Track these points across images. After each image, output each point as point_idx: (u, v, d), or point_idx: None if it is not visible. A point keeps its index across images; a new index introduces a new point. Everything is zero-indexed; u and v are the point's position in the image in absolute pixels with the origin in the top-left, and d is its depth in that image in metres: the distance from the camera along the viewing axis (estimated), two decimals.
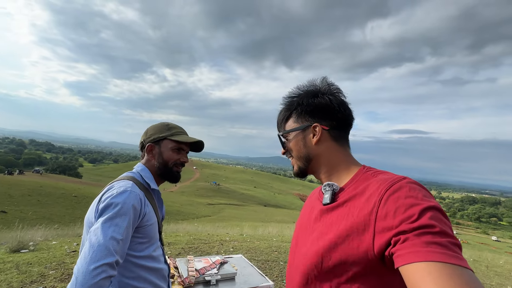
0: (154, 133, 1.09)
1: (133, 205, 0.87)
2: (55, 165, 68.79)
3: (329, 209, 0.67)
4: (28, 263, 3.39)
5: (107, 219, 0.82)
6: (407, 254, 0.47)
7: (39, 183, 26.44)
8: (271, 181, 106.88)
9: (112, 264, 0.77)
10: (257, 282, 1.47)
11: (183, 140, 1.08)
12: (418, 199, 0.52)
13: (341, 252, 0.58)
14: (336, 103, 0.72)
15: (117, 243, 0.79)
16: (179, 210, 24.68)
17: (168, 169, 1.08)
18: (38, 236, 5.32)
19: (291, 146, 0.77)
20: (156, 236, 1.01)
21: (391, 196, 0.54)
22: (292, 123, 0.77)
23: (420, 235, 0.48)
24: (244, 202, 48.78)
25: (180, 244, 4.92)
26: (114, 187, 0.91)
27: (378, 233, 0.54)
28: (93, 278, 0.72)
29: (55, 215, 16.29)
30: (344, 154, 0.73)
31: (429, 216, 0.49)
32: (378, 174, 0.65)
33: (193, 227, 8.63)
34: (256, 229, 8.59)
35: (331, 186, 0.69)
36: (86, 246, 0.78)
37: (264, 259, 4.26)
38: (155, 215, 1.01)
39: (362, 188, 0.63)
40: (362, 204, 0.59)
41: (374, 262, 0.55)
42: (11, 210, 16.06)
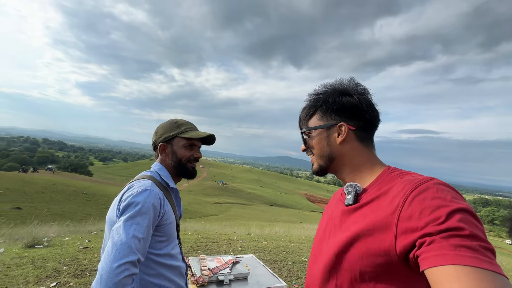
0: (164, 132, 1.09)
1: (153, 204, 0.88)
2: (67, 164, 70.58)
3: (351, 210, 0.66)
4: (43, 258, 3.48)
5: (129, 218, 0.83)
6: (434, 257, 0.45)
7: (52, 180, 27.19)
8: (278, 180, 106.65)
9: (134, 262, 0.78)
10: (270, 282, 1.46)
11: (194, 136, 1.08)
12: (446, 201, 0.50)
13: (361, 252, 0.57)
14: (365, 104, 0.71)
15: (138, 241, 0.80)
16: (187, 209, 24.93)
17: (183, 166, 1.08)
18: (52, 232, 5.47)
19: (314, 143, 0.75)
20: (174, 234, 1.02)
21: (416, 197, 0.52)
22: (316, 120, 0.75)
23: (447, 238, 0.45)
24: (250, 201, 48.87)
25: (189, 242, 4.96)
26: (134, 186, 0.92)
27: (400, 234, 0.52)
28: (117, 276, 0.73)
29: (67, 212, 16.71)
30: (369, 154, 0.71)
31: (458, 218, 0.47)
32: (404, 175, 0.62)
33: (201, 226, 8.69)
34: (263, 229, 8.58)
35: (354, 187, 0.68)
36: (109, 244, 0.79)
37: (273, 259, 4.24)
38: (174, 213, 1.02)
39: (386, 189, 0.61)
40: (386, 205, 0.57)
41: (397, 264, 0.53)
42: (26, 207, 16.57)
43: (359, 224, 0.61)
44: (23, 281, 2.76)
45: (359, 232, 0.59)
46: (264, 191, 70.15)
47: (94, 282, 0.74)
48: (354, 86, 0.74)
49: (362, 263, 0.57)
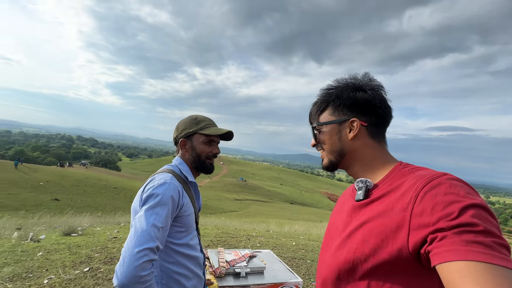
0: (184, 128, 1.13)
1: (171, 196, 0.93)
2: (98, 159, 75.67)
3: (362, 206, 0.65)
4: (77, 245, 3.79)
5: (149, 208, 0.89)
6: (445, 252, 0.44)
7: (85, 174, 29.29)
8: (298, 178, 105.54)
9: (153, 249, 0.83)
10: (286, 278, 1.47)
11: (212, 133, 1.11)
12: (459, 196, 0.48)
13: (373, 249, 0.57)
14: (378, 99, 0.69)
15: (157, 230, 0.86)
16: (207, 204, 25.60)
17: (202, 162, 1.12)
18: (85, 222, 5.92)
19: (324, 139, 0.74)
20: (193, 226, 1.07)
21: (428, 193, 0.51)
22: (327, 115, 0.74)
23: (460, 233, 0.44)
24: (270, 199, 48.92)
25: (209, 236, 5.11)
26: (156, 179, 0.98)
27: (413, 230, 0.51)
28: (137, 260, 0.79)
29: (98, 204, 17.94)
30: (380, 151, 0.70)
31: (471, 214, 0.45)
32: (416, 170, 0.61)
33: (221, 221, 8.90)
34: (283, 226, 8.58)
35: (365, 183, 0.67)
36: (131, 231, 0.86)
37: (291, 256, 4.24)
38: (192, 206, 1.07)
39: (398, 184, 0.60)
40: (397, 200, 0.57)
41: (409, 260, 0.52)
42: (63, 198, 18.05)
43: (370, 219, 0.61)
44: (61, 265, 3.04)
45: (370, 227, 0.59)
46: (284, 189, 69.84)
47: (118, 265, 0.80)
48: (367, 81, 0.72)
49: (374, 258, 0.56)
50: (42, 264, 3.00)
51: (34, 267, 2.90)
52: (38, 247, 3.56)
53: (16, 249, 3.41)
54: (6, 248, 3.44)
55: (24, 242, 3.80)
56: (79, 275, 2.82)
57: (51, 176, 23.87)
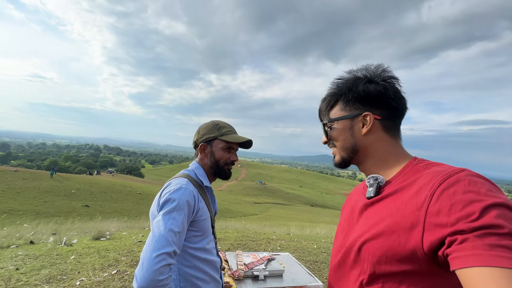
0: (205, 132, 1.14)
1: (187, 201, 0.95)
2: (123, 167, 79.40)
3: (373, 203, 0.63)
4: (106, 249, 3.99)
5: (166, 213, 0.91)
6: (466, 256, 0.41)
7: (111, 182, 30.82)
8: (318, 180, 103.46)
9: (171, 253, 0.86)
10: (305, 281, 1.45)
11: (233, 141, 1.11)
12: (480, 195, 0.44)
13: (386, 248, 0.54)
14: (391, 91, 0.65)
15: (174, 235, 0.88)
16: (228, 208, 25.84)
17: (220, 168, 1.13)
18: (112, 227, 6.22)
19: (336, 135, 0.70)
20: (209, 230, 1.08)
21: (445, 191, 0.47)
22: (338, 110, 0.70)
23: (482, 236, 0.41)
24: (290, 201, 48.36)
25: (229, 240, 5.14)
26: (172, 184, 1.00)
27: (428, 230, 0.47)
28: (156, 265, 0.81)
29: (124, 210, 18.78)
30: (395, 146, 0.66)
31: (494, 214, 0.41)
32: (431, 166, 0.57)
33: (241, 225, 8.92)
34: (303, 229, 8.43)
35: (376, 179, 0.64)
36: (150, 236, 0.89)
37: (313, 260, 4.15)
38: (208, 210, 1.08)
39: (411, 180, 0.56)
40: (410, 198, 0.53)
41: (425, 261, 0.49)
42: (92, 205, 19.12)
43: (381, 217, 0.58)
44: (91, 267, 3.21)
45: (381, 225, 0.57)
46: (304, 191, 68.76)
47: (137, 269, 0.83)
48: (380, 72, 0.67)
49: (386, 256, 0.54)
50: (75, 267, 3.19)
51: (67, 270, 3.10)
52: (71, 251, 3.80)
53: (52, 253, 3.66)
54: (43, 252, 3.71)
55: (59, 246, 4.06)
56: (107, 277, 2.96)
57: (81, 184, 25.40)
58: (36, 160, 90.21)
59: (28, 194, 19.07)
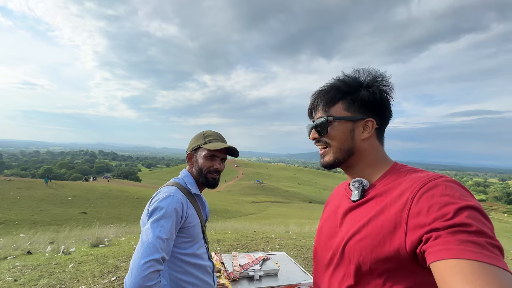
0: (193, 142, 1.20)
1: (175, 209, 0.98)
2: (119, 171, 78.71)
3: (357, 206, 0.66)
4: (105, 256, 3.99)
5: (154, 221, 0.95)
6: (439, 251, 0.46)
7: (108, 187, 30.57)
8: (315, 177, 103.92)
9: (159, 259, 0.89)
10: (299, 279, 1.49)
11: (212, 148, 1.13)
12: (455, 198, 0.50)
13: (371, 250, 0.57)
14: (390, 103, 0.70)
15: (162, 242, 0.92)
16: (226, 209, 25.84)
17: (203, 176, 1.15)
18: (111, 233, 6.20)
19: (335, 134, 0.69)
20: (199, 236, 1.12)
21: (425, 194, 0.53)
22: (341, 109, 0.69)
23: (454, 233, 0.46)
24: (288, 199, 48.53)
25: (228, 241, 5.18)
26: (161, 192, 1.04)
27: (410, 231, 0.52)
28: (144, 271, 0.84)
29: (122, 215, 18.66)
30: (382, 152, 0.71)
31: (465, 215, 0.47)
32: (412, 172, 0.63)
33: (240, 225, 8.96)
34: (302, 227, 8.50)
35: (361, 183, 0.68)
36: (138, 243, 0.93)
37: (311, 257, 4.21)
38: (198, 217, 1.12)
39: (394, 184, 0.62)
40: (394, 200, 0.58)
41: (408, 261, 0.53)
42: (90, 211, 18.95)
43: (366, 219, 0.62)
44: (91, 275, 3.22)
45: (367, 227, 0.60)
46: (302, 188, 69.04)
47: (126, 276, 0.87)
48: (385, 81, 0.70)
49: (371, 257, 0.57)
50: (74, 275, 3.19)
51: (66, 279, 3.10)
52: (70, 259, 3.79)
53: (50, 262, 3.65)
54: (41, 261, 3.70)
55: (57, 255, 4.05)
56: (107, 284, 2.98)
57: (77, 191, 25.15)
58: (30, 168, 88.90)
59: (23, 204, 18.82)
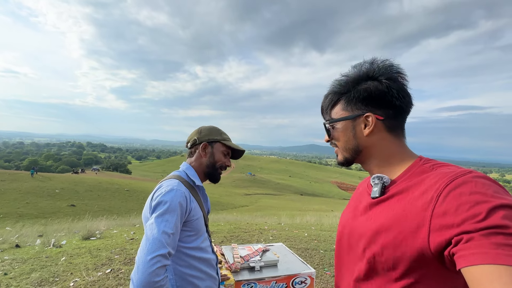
0: (209, 133, 1.18)
1: (179, 202, 0.97)
2: (108, 164, 77.27)
3: (377, 203, 0.62)
4: (97, 248, 3.94)
5: (159, 215, 0.93)
6: (472, 255, 0.41)
7: (97, 180, 30.02)
8: (307, 169, 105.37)
9: (165, 255, 0.88)
10: (299, 269, 1.52)
11: (233, 147, 1.19)
12: (487, 196, 0.45)
13: (393, 249, 0.54)
14: (396, 89, 0.62)
15: (168, 236, 0.91)
16: (218, 201, 25.93)
17: (215, 169, 1.18)
18: (102, 226, 6.12)
19: (338, 135, 0.68)
20: (202, 229, 1.11)
21: (452, 192, 0.48)
22: (340, 110, 0.68)
23: (488, 236, 0.41)
24: (280, 191, 49.12)
25: (222, 233, 5.21)
26: (163, 186, 1.02)
27: (434, 231, 0.48)
28: (151, 267, 0.84)
29: (113, 207, 18.42)
30: (399, 145, 0.65)
31: (501, 215, 0.42)
32: (438, 167, 0.57)
33: (233, 217, 9.03)
34: (294, 218, 8.65)
35: (381, 179, 0.63)
36: (143, 239, 0.91)
37: (304, 247, 4.30)
38: (201, 209, 1.11)
39: (417, 181, 0.56)
40: (416, 199, 0.53)
41: (432, 262, 0.50)
42: (78, 204, 18.61)
43: (386, 218, 0.58)
44: (84, 267, 3.18)
45: (387, 225, 0.57)
46: (293, 181, 69.94)
47: (133, 272, 0.86)
48: (386, 68, 0.64)
49: (394, 256, 0.54)
50: (67, 268, 3.15)
51: (59, 272, 3.06)
52: (61, 252, 3.73)
53: (40, 255, 3.59)
54: (31, 255, 3.62)
55: (47, 248, 3.98)
56: (101, 276, 2.96)
57: (65, 184, 24.57)
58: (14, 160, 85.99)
59: (8, 196, 18.26)
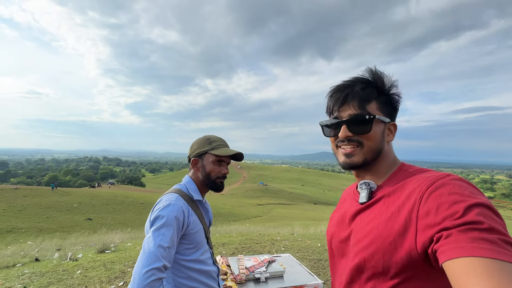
0: (197, 147, 1.19)
1: (175, 217, 1.00)
2: (123, 177, 79.21)
3: (365, 208, 0.66)
4: (111, 261, 4.01)
5: (156, 229, 0.97)
6: (451, 249, 0.45)
7: (113, 193, 30.75)
8: (319, 177, 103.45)
9: (160, 268, 0.91)
10: (305, 280, 1.49)
11: (222, 154, 1.15)
12: (464, 196, 0.49)
13: (383, 253, 0.57)
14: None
15: (164, 250, 0.93)
16: (231, 212, 25.81)
17: (211, 181, 1.17)
18: (117, 239, 6.24)
19: (373, 134, 0.66)
20: (202, 241, 1.13)
21: (433, 193, 0.52)
22: (376, 109, 0.67)
23: (465, 231, 0.45)
24: (293, 201, 48.32)
25: (234, 244, 5.18)
26: (162, 200, 1.06)
27: (420, 231, 0.51)
28: (146, 280, 0.87)
29: (127, 220, 18.73)
30: (394, 154, 0.71)
31: (476, 212, 0.46)
32: (419, 172, 0.63)
33: (245, 228, 8.95)
34: (308, 228, 8.46)
35: (368, 185, 0.68)
36: (140, 252, 0.95)
37: (317, 258, 4.19)
38: (201, 222, 1.13)
39: (401, 185, 0.61)
40: (402, 202, 0.57)
41: (420, 263, 0.53)
42: (95, 217, 19.07)
43: (375, 222, 0.61)
44: (98, 281, 3.24)
45: (376, 230, 0.60)
46: (306, 190, 68.74)
47: (129, 285, 0.89)
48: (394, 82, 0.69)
49: (383, 260, 0.57)
50: (82, 281, 3.22)
51: (74, 285, 3.13)
52: (77, 266, 3.83)
53: (58, 269, 3.69)
54: (49, 268, 3.74)
55: (64, 262, 4.09)
56: None
57: (82, 198, 25.32)
58: (35, 176, 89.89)
59: (30, 211, 19.00)
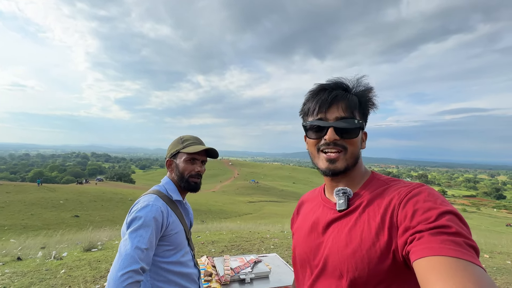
0: (171, 148, 1.18)
1: (154, 217, 0.97)
2: (112, 173, 77.55)
3: (344, 215, 0.66)
4: (97, 260, 3.94)
5: (133, 231, 0.93)
6: (421, 250, 0.49)
7: (101, 190, 30.11)
8: (310, 175, 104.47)
9: (138, 270, 0.87)
10: (291, 280, 1.50)
11: (191, 151, 1.12)
12: (437, 204, 0.55)
13: (368, 260, 0.58)
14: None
15: (141, 252, 0.90)
16: (222, 209, 25.75)
17: (185, 180, 1.14)
18: (104, 237, 6.11)
19: (357, 140, 0.68)
20: (183, 243, 1.10)
21: (410, 200, 0.57)
22: (358, 114, 0.68)
23: (435, 234, 0.50)
24: (284, 198, 48.67)
25: (223, 242, 5.17)
26: (140, 201, 1.03)
27: (399, 237, 0.55)
28: (122, 283, 0.83)
29: (116, 218, 18.39)
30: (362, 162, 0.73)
31: (446, 218, 0.51)
32: (393, 181, 0.67)
33: (236, 225, 8.95)
34: None
35: (345, 192, 0.68)
36: (116, 255, 0.91)
37: None
38: (182, 223, 1.10)
39: (379, 192, 0.64)
40: (384, 209, 0.60)
41: (402, 267, 0.56)
42: (82, 215, 18.64)
43: (357, 229, 0.62)
44: (83, 280, 3.17)
45: (359, 238, 0.60)
46: (297, 187, 69.32)
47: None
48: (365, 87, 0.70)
49: (368, 269, 0.58)
50: (65, 281, 3.15)
51: (57, 285, 3.05)
52: (61, 265, 3.73)
53: (40, 268, 3.59)
54: (31, 268, 3.63)
55: (48, 261, 3.98)
56: None
57: (69, 194, 24.67)
58: (19, 172, 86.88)
59: (13, 208, 18.37)
